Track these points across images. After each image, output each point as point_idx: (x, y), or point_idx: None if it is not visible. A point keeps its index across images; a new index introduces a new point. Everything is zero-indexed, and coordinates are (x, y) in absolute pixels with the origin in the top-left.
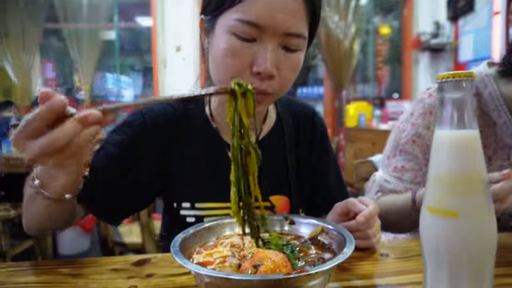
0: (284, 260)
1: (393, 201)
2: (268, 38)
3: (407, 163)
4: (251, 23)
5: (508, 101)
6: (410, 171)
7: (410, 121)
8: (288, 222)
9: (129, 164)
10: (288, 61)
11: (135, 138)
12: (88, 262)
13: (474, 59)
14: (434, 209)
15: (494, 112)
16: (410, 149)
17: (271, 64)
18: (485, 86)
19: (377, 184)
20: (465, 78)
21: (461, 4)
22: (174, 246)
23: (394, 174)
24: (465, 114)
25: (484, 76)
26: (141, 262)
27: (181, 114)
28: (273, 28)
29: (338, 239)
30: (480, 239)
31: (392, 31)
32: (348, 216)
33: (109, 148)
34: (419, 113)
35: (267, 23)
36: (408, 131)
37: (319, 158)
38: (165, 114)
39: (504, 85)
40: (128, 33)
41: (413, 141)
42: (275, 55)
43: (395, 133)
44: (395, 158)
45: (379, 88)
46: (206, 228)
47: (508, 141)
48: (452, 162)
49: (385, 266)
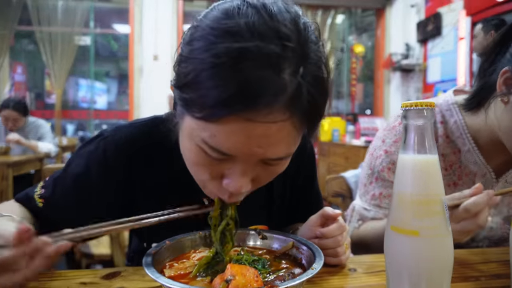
0: (256, 275)
1: (375, 227)
2: (242, 160)
3: (384, 189)
4: (220, 152)
5: (472, 130)
6: (388, 197)
7: (383, 149)
8: (260, 237)
9: (88, 200)
10: (267, 171)
11: (94, 172)
12: (55, 275)
13: (441, 80)
14: (397, 229)
15: (459, 139)
16: (386, 176)
17: (245, 185)
18: (451, 114)
19: (356, 213)
20: (426, 107)
21: (430, 28)
22: (146, 260)
23: (373, 202)
24: (425, 140)
25: (451, 105)
26: (111, 275)
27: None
28: (249, 157)
29: (308, 254)
30: (439, 257)
31: (366, 50)
32: (324, 226)
33: (67, 183)
34: (392, 140)
35: (241, 154)
36: (383, 158)
37: (304, 181)
38: (132, 142)
39: (469, 116)
40: (104, 39)
41: (388, 168)
42: (251, 174)
43: (369, 160)
44: (372, 186)
45: (352, 104)
46: (179, 241)
47: (472, 168)
48: (413, 185)
49: (353, 280)
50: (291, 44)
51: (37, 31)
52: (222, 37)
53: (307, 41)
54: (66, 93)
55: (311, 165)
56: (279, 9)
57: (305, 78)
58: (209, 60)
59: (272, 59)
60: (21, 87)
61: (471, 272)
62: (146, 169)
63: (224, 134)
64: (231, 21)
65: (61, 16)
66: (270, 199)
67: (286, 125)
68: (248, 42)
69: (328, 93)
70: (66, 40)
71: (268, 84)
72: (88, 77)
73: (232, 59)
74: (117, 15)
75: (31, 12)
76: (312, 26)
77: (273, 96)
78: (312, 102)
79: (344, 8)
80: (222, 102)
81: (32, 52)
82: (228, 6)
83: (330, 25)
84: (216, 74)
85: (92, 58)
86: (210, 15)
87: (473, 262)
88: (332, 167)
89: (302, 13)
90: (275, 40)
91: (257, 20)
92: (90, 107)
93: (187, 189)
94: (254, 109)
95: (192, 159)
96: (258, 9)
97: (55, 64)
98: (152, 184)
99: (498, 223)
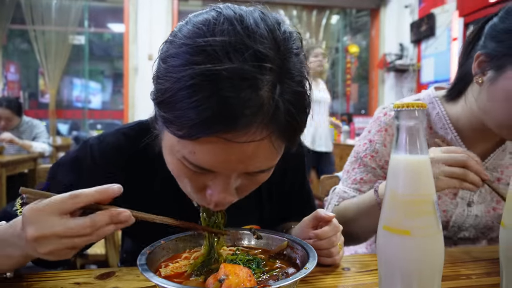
0: (249, 274)
1: (355, 201)
2: (224, 173)
3: (365, 175)
4: (200, 168)
5: (453, 120)
6: (368, 182)
7: (367, 138)
8: (255, 236)
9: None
10: (251, 181)
11: (84, 180)
12: (48, 275)
13: (435, 80)
14: (389, 228)
15: (442, 130)
16: (369, 162)
17: (229, 195)
18: (433, 107)
19: (336, 195)
20: (418, 108)
21: (423, 29)
22: (140, 260)
23: (353, 186)
24: (417, 141)
25: (433, 98)
26: (106, 275)
27: (137, 151)
28: (230, 171)
29: (302, 254)
30: (430, 256)
31: (360, 50)
32: (317, 227)
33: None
34: (376, 130)
35: (221, 170)
36: (367, 146)
37: (292, 186)
38: (119, 150)
39: (450, 106)
40: (99, 39)
41: (371, 156)
42: (234, 184)
43: (354, 149)
44: (354, 171)
45: (347, 104)
46: (173, 241)
47: None
48: (405, 185)
49: (346, 280)
50: (269, 64)
51: (30, 30)
52: (198, 56)
53: (287, 55)
54: (60, 92)
55: (298, 169)
56: (255, 22)
57: (284, 95)
58: (185, 79)
59: (250, 80)
60: (14, 87)
61: (462, 271)
62: (133, 177)
63: (203, 152)
64: (206, 39)
65: (55, 14)
66: (260, 204)
67: (264, 143)
68: (224, 63)
69: (309, 107)
70: (60, 39)
71: (246, 105)
72: (83, 76)
73: (209, 80)
74: (112, 14)
75: (24, 11)
76: (294, 35)
77: (252, 116)
78: (291, 119)
79: (339, 8)
80: (200, 123)
81: (25, 51)
82: (203, 19)
83: (325, 25)
84: (193, 94)
85: (87, 57)
86: (185, 30)
87: (464, 261)
88: None
89: (281, 20)
90: (253, 60)
91: (234, 39)
92: (85, 107)
93: (175, 195)
94: (233, 130)
95: (174, 172)
96: (234, 25)
97: (49, 63)
98: (140, 192)
99: (483, 211)
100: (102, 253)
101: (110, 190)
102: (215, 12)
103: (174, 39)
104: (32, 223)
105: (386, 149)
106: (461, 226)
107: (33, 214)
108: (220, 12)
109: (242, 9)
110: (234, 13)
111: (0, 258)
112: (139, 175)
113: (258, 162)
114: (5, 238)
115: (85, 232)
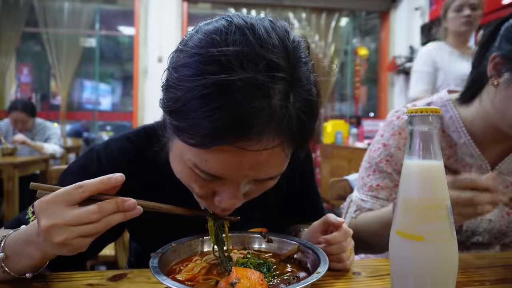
0: (260, 278)
1: (373, 215)
2: (233, 180)
3: (381, 181)
4: (211, 175)
5: (466, 123)
6: (385, 188)
7: (381, 142)
8: (265, 240)
9: None
10: (258, 187)
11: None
12: (62, 276)
13: None
14: (402, 233)
15: (455, 133)
16: (384, 167)
17: (237, 201)
18: (446, 110)
19: (353, 204)
20: (432, 113)
21: (434, 31)
22: (152, 262)
23: (370, 193)
24: (431, 146)
25: (445, 101)
26: (117, 277)
27: (143, 156)
28: (240, 178)
29: (313, 258)
30: (443, 262)
31: (370, 53)
32: (327, 232)
33: None
34: (390, 134)
35: (232, 177)
36: (381, 151)
37: (299, 189)
38: (124, 154)
39: (463, 110)
40: (110, 41)
41: (386, 160)
42: (243, 190)
43: (368, 155)
44: (369, 178)
45: (356, 107)
46: (186, 244)
47: (468, 160)
48: (418, 190)
49: (357, 285)
50: (281, 74)
51: (43, 32)
52: (211, 65)
53: (297, 64)
54: (71, 94)
55: (306, 170)
56: (266, 31)
57: (295, 104)
58: (198, 89)
59: (263, 90)
60: (27, 88)
61: (475, 277)
62: (141, 182)
63: (215, 160)
64: (219, 49)
65: (67, 18)
66: (266, 208)
67: (276, 150)
68: (238, 73)
69: (318, 114)
70: (72, 42)
71: (259, 114)
72: (93, 78)
73: (223, 89)
74: (122, 17)
75: (37, 14)
76: (302, 43)
77: (265, 125)
78: (302, 126)
79: (349, 11)
80: (214, 132)
81: (38, 54)
82: (214, 28)
83: (334, 28)
84: (206, 103)
85: (97, 60)
86: (196, 39)
87: (478, 267)
88: (335, 169)
89: (289, 28)
90: (265, 69)
91: (246, 49)
92: (95, 109)
93: (182, 200)
94: (246, 138)
95: (183, 179)
96: (246, 35)
97: (61, 66)
98: (148, 197)
99: (497, 216)
100: (111, 254)
101: (113, 178)
102: (225, 21)
103: (185, 48)
104: (43, 214)
105: (401, 152)
106: (474, 231)
107: (43, 205)
108: (231, 21)
109: (252, 18)
110: (245, 22)
111: (21, 257)
112: (147, 180)
113: (269, 169)
114: (27, 236)
115: (93, 218)
